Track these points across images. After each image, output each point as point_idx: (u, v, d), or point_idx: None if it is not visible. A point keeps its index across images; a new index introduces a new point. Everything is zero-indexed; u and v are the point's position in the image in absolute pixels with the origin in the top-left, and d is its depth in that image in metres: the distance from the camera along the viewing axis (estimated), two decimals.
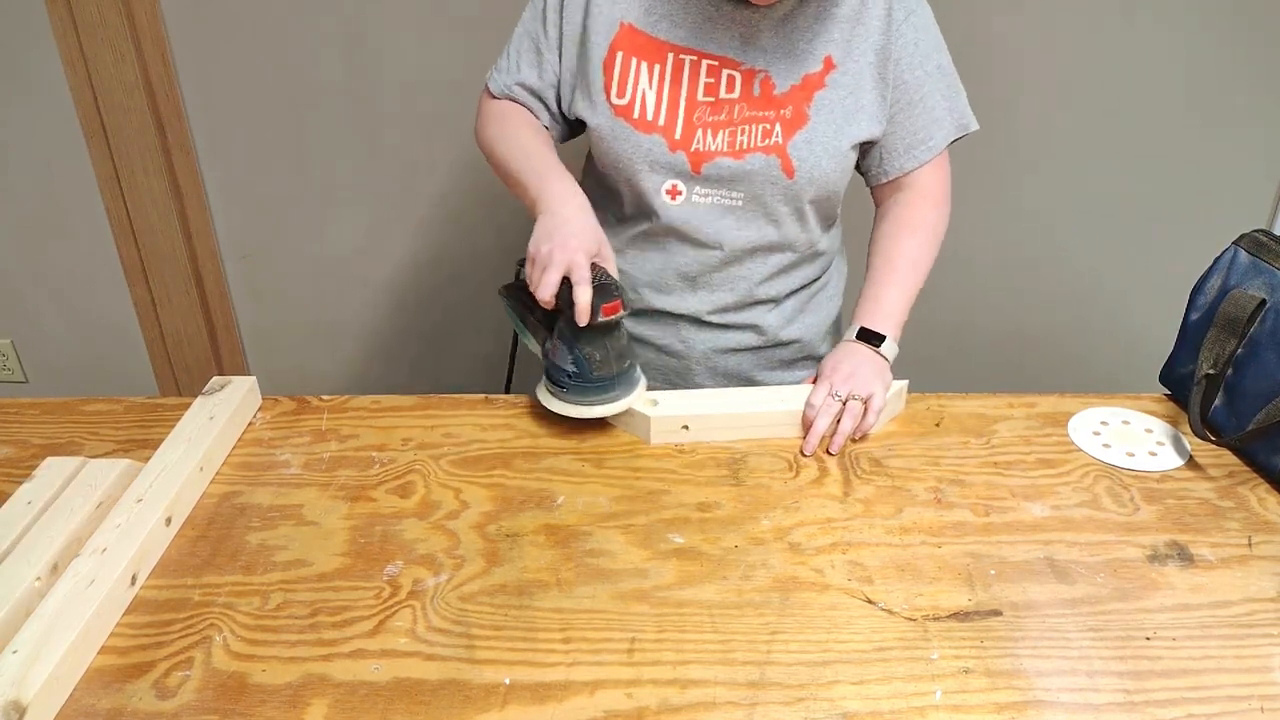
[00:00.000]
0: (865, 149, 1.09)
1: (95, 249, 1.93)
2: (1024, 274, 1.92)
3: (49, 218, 1.92)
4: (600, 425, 1.01)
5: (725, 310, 1.13)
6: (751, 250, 1.09)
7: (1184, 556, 0.84)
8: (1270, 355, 0.94)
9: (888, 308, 1.08)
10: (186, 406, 0.99)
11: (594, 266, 0.93)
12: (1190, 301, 1.05)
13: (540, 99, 1.10)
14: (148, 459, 0.91)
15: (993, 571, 0.82)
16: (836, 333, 1.24)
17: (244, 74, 1.77)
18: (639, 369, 1.01)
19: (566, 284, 0.92)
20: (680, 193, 1.04)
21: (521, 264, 1.03)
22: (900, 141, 1.08)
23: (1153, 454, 0.98)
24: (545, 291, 0.92)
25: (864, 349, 1.05)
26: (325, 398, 1.06)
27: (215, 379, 1.04)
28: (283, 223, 1.93)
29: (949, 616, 0.77)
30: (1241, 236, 1.02)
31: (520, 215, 1.93)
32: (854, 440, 0.99)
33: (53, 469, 0.89)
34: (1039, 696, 0.70)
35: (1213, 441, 0.97)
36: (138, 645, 0.74)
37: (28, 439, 1.00)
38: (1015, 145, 1.77)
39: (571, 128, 1.14)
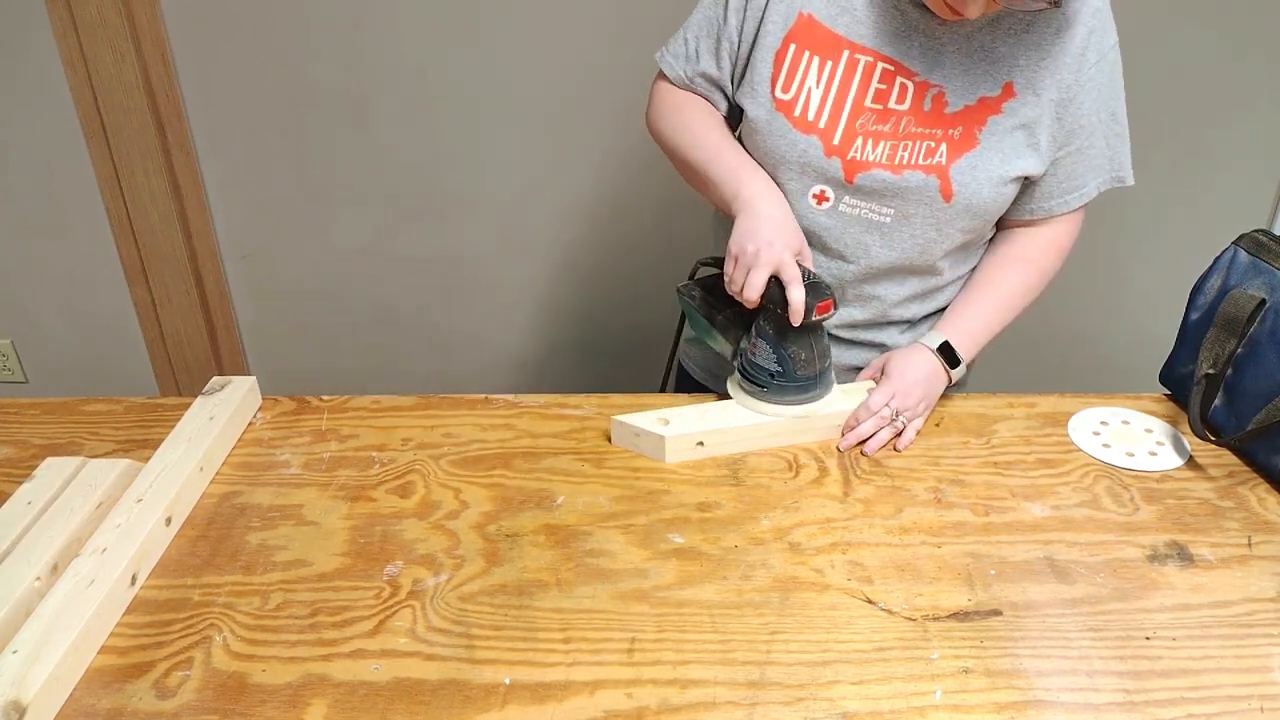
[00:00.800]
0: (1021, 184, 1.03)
1: (95, 249, 1.93)
2: None
3: (49, 218, 1.92)
4: (600, 426, 1.01)
5: (855, 327, 1.09)
6: (890, 270, 1.04)
7: (1184, 556, 0.84)
8: (1270, 355, 0.94)
9: (977, 331, 1.05)
10: (186, 406, 0.99)
11: (798, 265, 0.93)
12: (1190, 301, 1.05)
13: (720, 88, 1.07)
14: (148, 459, 0.90)
15: (993, 571, 0.82)
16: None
17: (244, 74, 1.77)
18: (832, 368, 1.01)
19: (772, 283, 0.92)
20: (828, 199, 1.00)
21: (702, 263, 1.02)
22: (1057, 184, 1.02)
23: (1153, 454, 0.98)
24: (753, 291, 0.91)
25: (937, 365, 1.02)
26: (325, 398, 1.06)
27: (215, 379, 1.04)
28: (283, 223, 1.93)
29: (949, 616, 0.77)
30: (1241, 236, 1.02)
31: (521, 216, 1.94)
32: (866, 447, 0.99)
33: (53, 469, 0.89)
34: (1039, 696, 0.70)
35: (1213, 441, 0.97)
36: (138, 645, 0.74)
37: (28, 439, 1.00)
38: None
39: (740, 117, 1.09)
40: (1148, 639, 0.75)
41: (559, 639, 0.75)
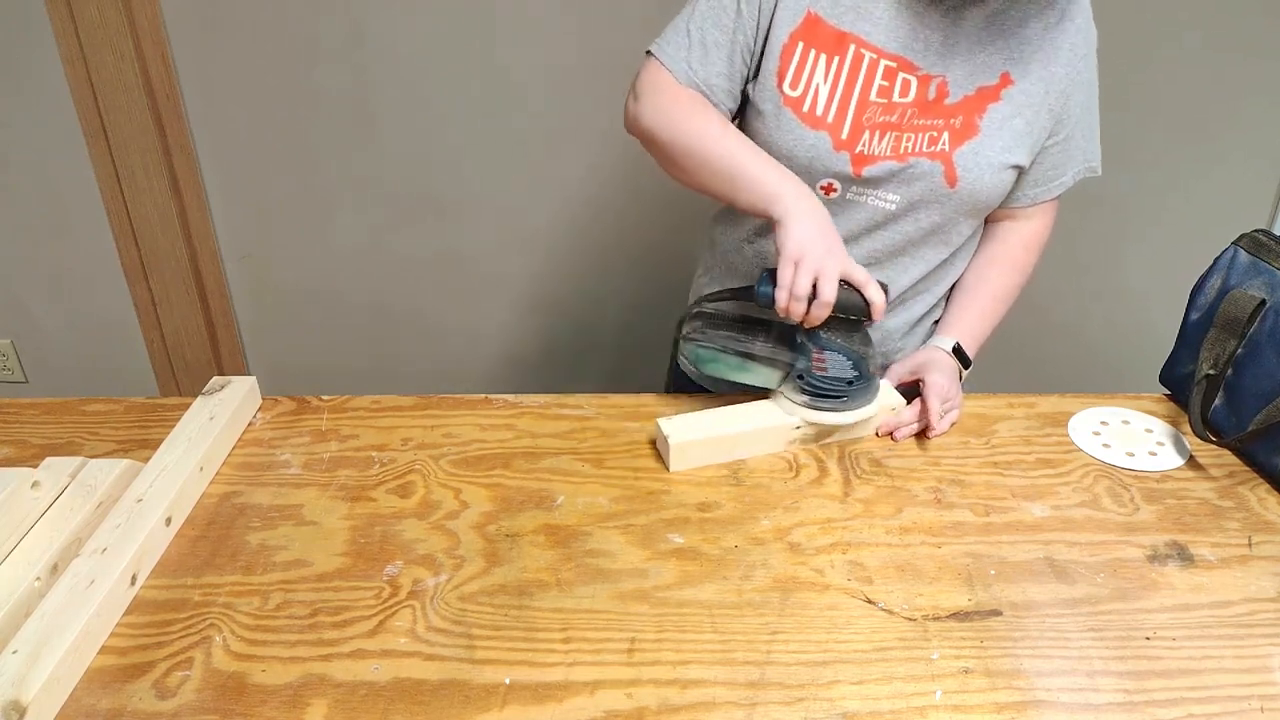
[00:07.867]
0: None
1: (95, 249, 1.93)
2: None
3: (49, 218, 1.92)
4: (600, 426, 1.01)
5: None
6: (892, 255, 1.06)
7: (1184, 556, 0.84)
8: (1270, 355, 0.94)
9: (977, 333, 1.10)
10: (186, 406, 0.99)
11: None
12: (1190, 301, 1.05)
13: (729, 89, 1.04)
14: (148, 459, 0.90)
15: (993, 571, 0.82)
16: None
17: (244, 74, 1.77)
18: None
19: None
20: (835, 190, 1.02)
21: (702, 300, 1.01)
22: (1043, 173, 1.06)
23: (1153, 454, 0.98)
24: (829, 295, 0.90)
25: (956, 364, 1.06)
26: (325, 398, 1.06)
27: (215, 379, 1.04)
28: (283, 223, 1.93)
29: (949, 616, 0.77)
30: (1241, 236, 1.02)
31: (521, 215, 1.94)
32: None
33: (53, 469, 0.89)
34: (1039, 696, 0.70)
35: (1213, 442, 0.97)
36: (138, 645, 0.74)
37: (28, 439, 1.00)
38: None
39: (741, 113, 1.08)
40: (1148, 639, 0.75)
41: (559, 639, 0.75)
